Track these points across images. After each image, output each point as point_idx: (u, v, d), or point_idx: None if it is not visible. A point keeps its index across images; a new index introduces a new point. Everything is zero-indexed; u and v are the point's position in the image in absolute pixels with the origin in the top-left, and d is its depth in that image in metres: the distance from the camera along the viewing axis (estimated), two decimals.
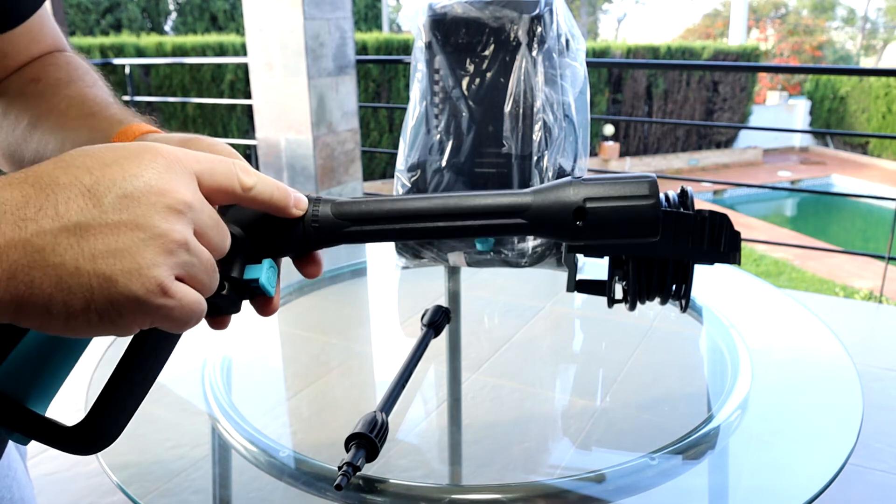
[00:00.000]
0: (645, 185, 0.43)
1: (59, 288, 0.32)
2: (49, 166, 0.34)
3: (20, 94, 0.57)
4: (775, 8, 24.00)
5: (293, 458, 0.81)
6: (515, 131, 0.90)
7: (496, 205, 0.43)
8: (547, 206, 0.43)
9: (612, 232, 0.43)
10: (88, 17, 14.05)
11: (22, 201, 0.32)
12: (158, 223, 0.34)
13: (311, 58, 3.12)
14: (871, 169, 12.62)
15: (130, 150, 0.35)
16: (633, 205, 0.43)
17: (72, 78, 0.58)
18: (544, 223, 0.43)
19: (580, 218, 0.42)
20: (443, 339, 1.03)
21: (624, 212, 0.43)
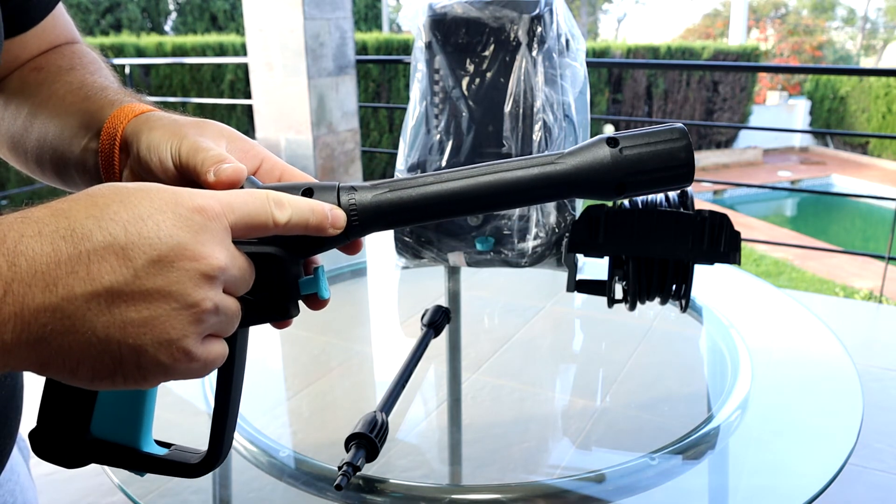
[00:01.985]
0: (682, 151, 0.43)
1: (88, 354, 0.32)
2: (82, 214, 0.32)
3: (22, 83, 0.56)
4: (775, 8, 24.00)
5: (293, 458, 0.81)
6: (515, 131, 0.90)
7: (532, 181, 0.43)
8: (585, 179, 0.43)
9: (649, 189, 0.44)
10: (88, 17, 14.05)
11: (53, 259, 0.31)
12: (190, 292, 0.33)
13: (311, 58, 3.13)
14: (871, 169, 12.62)
15: (167, 202, 0.34)
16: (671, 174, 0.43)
17: (73, 65, 0.57)
18: (584, 192, 0.44)
19: (620, 192, 0.43)
20: (443, 339, 1.03)
21: (661, 179, 0.43)
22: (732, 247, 0.81)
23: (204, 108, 7.70)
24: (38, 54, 0.58)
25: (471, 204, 0.42)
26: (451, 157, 0.93)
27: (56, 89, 0.54)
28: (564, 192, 0.43)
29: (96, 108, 0.50)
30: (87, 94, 0.52)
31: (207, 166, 0.42)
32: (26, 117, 0.54)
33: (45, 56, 0.58)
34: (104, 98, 0.51)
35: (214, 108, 7.77)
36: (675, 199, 0.85)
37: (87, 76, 0.55)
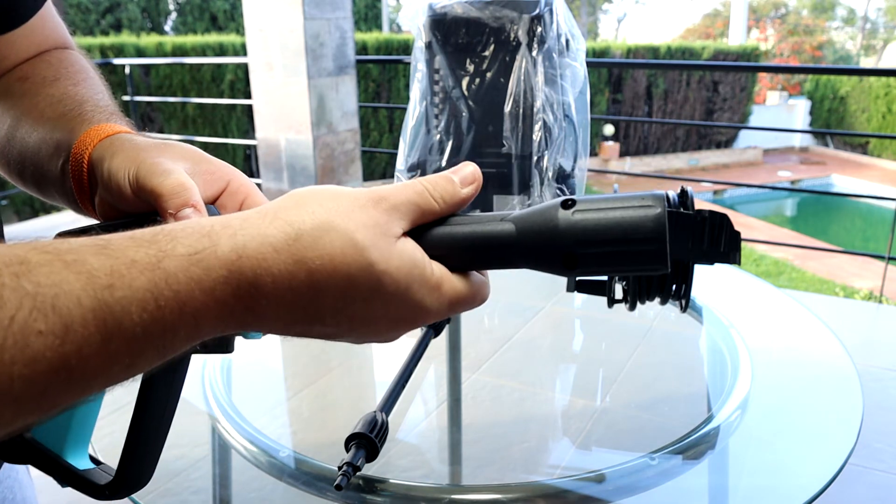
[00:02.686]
0: (649, 221, 0.34)
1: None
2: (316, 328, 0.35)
3: (8, 92, 0.55)
4: (775, 8, 24.00)
5: (293, 458, 0.81)
6: (515, 131, 0.90)
7: (474, 240, 0.38)
8: (529, 244, 0.36)
9: (609, 268, 0.36)
10: (88, 17, 14.05)
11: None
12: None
13: (311, 58, 3.13)
14: (871, 169, 12.62)
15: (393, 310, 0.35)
16: (635, 249, 0.34)
17: (58, 75, 0.55)
18: (531, 261, 0.37)
19: (571, 266, 0.35)
20: (443, 339, 1.03)
21: (623, 256, 0.34)
22: (732, 247, 0.81)
23: (204, 108, 7.70)
24: (27, 58, 0.58)
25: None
26: (451, 157, 0.93)
27: (37, 102, 0.53)
28: (509, 259, 0.38)
29: (69, 128, 0.49)
30: (65, 111, 0.51)
31: (167, 196, 0.41)
32: (9, 128, 0.54)
33: (31, 64, 0.57)
34: (77, 116, 0.50)
35: (214, 108, 7.77)
36: (675, 199, 0.85)
37: (69, 87, 0.54)
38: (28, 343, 0.26)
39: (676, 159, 12.14)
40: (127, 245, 0.29)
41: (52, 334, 0.26)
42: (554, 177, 0.91)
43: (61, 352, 0.26)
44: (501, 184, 0.91)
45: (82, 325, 0.27)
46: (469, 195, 0.39)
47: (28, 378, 0.26)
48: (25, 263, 0.27)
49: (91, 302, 0.27)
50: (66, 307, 0.27)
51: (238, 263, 0.31)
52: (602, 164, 11.43)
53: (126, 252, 0.29)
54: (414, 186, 0.37)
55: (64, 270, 0.27)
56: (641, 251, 0.34)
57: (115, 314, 0.28)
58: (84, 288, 0.27)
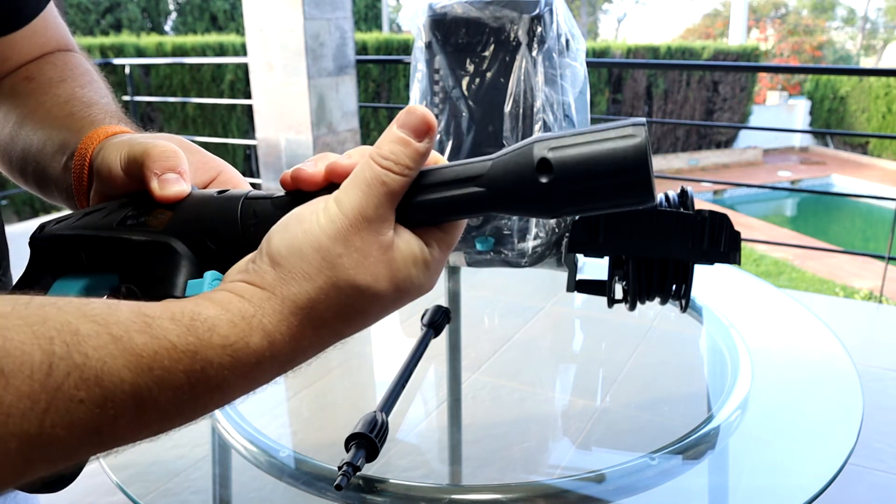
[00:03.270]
0: (628, 126, 0.32)
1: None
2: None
3: (13, 91, 0.56)
4: (775, 8, 24.00)
5: (293, 458, 0.81)
6: (515, 131, 0.90)
7: (449, 176, 0.36)
8: (505, 166, 0.33)
9: (589, 190, 0.32)
10: (88, 17, 14.05)
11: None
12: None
13: (311, 58, 3.13)
14: (871, 169, 12.62)
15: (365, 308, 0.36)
16: (613, 148, 0.31)
17: (64, 77, 0.56)
18: (504, 189, 0.34)
19: (545, 171, 0.32)
20: (443, 339, 1.03)
21: (601, 159, 0.31)
22: (732, 247, 0.81)
23: (204, 108, 7.70)
24: (30, 60, 0.58)
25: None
26: (451, 157, 0.93)
27: (44, 101, 0.54)
28: (491, 210, 0.35)
29: (77, 127, 0.50)
30: (72, 111, 0.52)
31: (154, 158, 0.41)
32: (13, 126, 0.54)
33: (37, 65, 0.57)
34: (86, 117, 0.51)
35: (214, 108, 7.77)
36: (675, 199, 0.85)
37: (76, 89, 0.55)
38: (69, 410, 0.28)
39: (676, 159, 12.14)
40: (168, 327, 0.32)
41: (93, 403, 0.29)
42: None
43: (98, 420, 0.29)
44: None
45: (122, 398, 0.30)
46: (427, 148, 0.36)
47: (63, 440, 0.28)
48: (77, 335, 0.29)
49: (132, 378, 0.30)
50: (110, 381, 0.29)
51: (270, 350, 0.34)
52: None
53: (167, 335, 0.31)
54: (366, 180, 0.35)
55: (111, 345, 0.29)
56: (624, 182, 0.32)
57: (152, 393, 0.31)
58: (127, 366, 0.30)
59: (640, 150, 0.31)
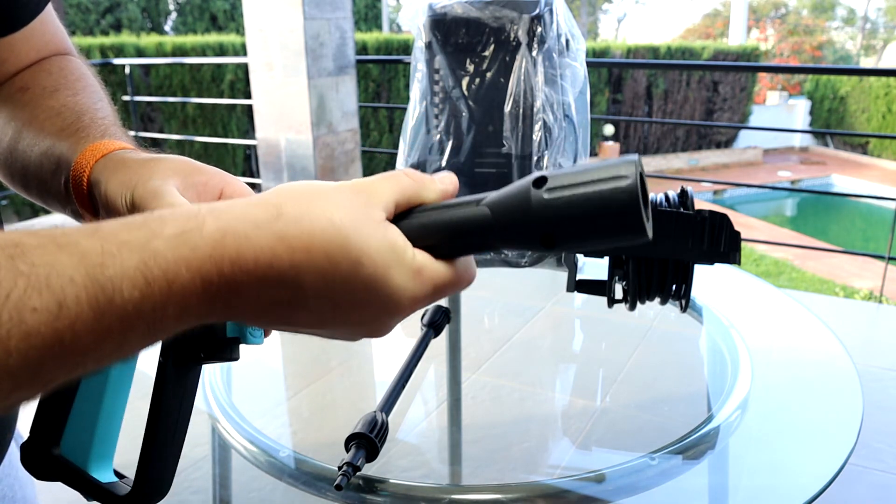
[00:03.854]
0: (621, 166, 0.33)
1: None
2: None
3: (9, 102, 0.56)
4: (775, 8, 24.00)
5: (293, 458, 0.81)
6: (515, 131, 0.90)
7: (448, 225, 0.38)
8: (504, 225, 0.36)
9: (584, 232, 0.34)
10: (88, 17, 14.05)
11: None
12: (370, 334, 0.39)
13: (311, 58, 3.12)
14: (871, 169, 12.62)
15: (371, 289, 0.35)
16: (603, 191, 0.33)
17: (58, 86, 0.56)
18: (510, 242, 0.37)
19: (549, 245, 0.35)
20: (443, 339, 1.03)
21: (593, 203, 0.33)
22: (732, 247, 0.81)
23: (204, 108, 7.70)
24: (27, 63, 0.58)
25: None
26: (451, 157, 0.93)
27: (37, 114, 0.54)
28: (488, 243, 0.37)
29: (68, 143, 0.50)
30: (63, 126, 0.52)
31: None
32: (10, 140, 0.54)
33: (32, 73, 0.57)
34: (77, 131, 0.51)
35: (214, 108, 7.77)
36: (675, 199, 0.85)
37: (68, 98, 0.55)
38: (23, 319, 0.27)
39: (676, 159, 12.14)
40: (118, 229, 0.31)
41: (47, 311, 0.27)
42: None
43: (55, 327, 0.28)
44: (501, 184, 0.91)
45: (75, 301, 0.28)
46: (447, 187, 0.40)
47: (24, 353, 0.27)
48: (20, 246, 0.28)
49: (83, 280, 0.29)
50: (60, 285, 0.28)
51: (222, 241, 0.32)
52: None
53: (117, 235, 0.31)
54: (395, 175, 0.38)
55: (57, 252, 0.29)
56: (617, 224, 0.33)
57: (106, 291, 0.29)
58: (76, 267, 0.29)
59: (631, 192, 0.32)
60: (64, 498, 1.59)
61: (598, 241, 0.34)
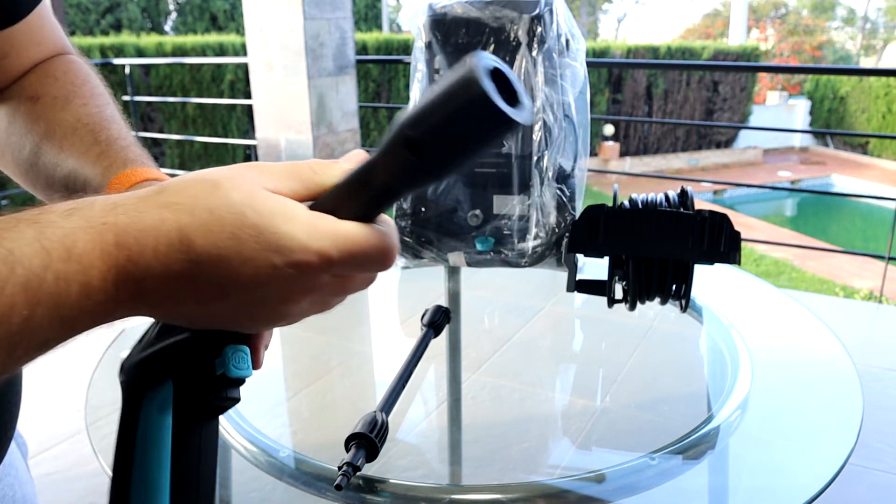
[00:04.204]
0: (463, 72, 0.31)
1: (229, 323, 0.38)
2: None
3: (22, 113, 0.57)
4: (775, 8, 24.00)
5: (293, 458, 0.81)
6: (515, 131, 0.90)
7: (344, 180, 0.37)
8: (385, 157, 0.34)
9: (458, 143, 0.33)
10: (88, 17, 14.05)
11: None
12: (280, 313, 0.38)
13: (311, 58, 3.13)
14: (871, 169, 12.62)
15: (269, 247, 0.34)
16: (459, 107, 0.31)
17: (67, 95, 0.57)
18: (393, 176, 0.35)
19: (417, 153, 0.33)
20: (443, 339, 1.03)
21: (455, 121, 0.32)
22: (732, 247, 0.81)
23: (204, 108, 7.70)
24: (30, 62, 0.59)
25: None
26: None
27: (54, 129, 0.55)
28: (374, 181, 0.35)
29: (94, 171, 0.52)
30: (84, 148, 0.53)
31: None
32: (30, 154, 0.56)
33: (39, 80, 0.58)
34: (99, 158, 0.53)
35: (214, 108, 7.77)
36: (675, 199, 0.85)
37: (80, 109, 0.56)
38: None
39: (676, 159, 12.14)
40: (14, 215, 0.32)
41: None
42: (554, 177, 0.91)
43: None
44: (501, 184, 0.91)
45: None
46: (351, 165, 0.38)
47: None
48: None
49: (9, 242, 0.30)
50: None
51: (114, 212, 0.33)
52: (602, 164, 11.43)
53: (11, 216, 0.32)
54: (295, 163, 0.38)
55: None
56: (466, 106, 0.31)
57: (7, 262, 0.30)
58: None
59: (471, 74, 0.31)
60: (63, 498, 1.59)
61: (457, 131, 0.32)
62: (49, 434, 1.82)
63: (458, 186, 0.92)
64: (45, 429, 1.84)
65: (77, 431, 1.83)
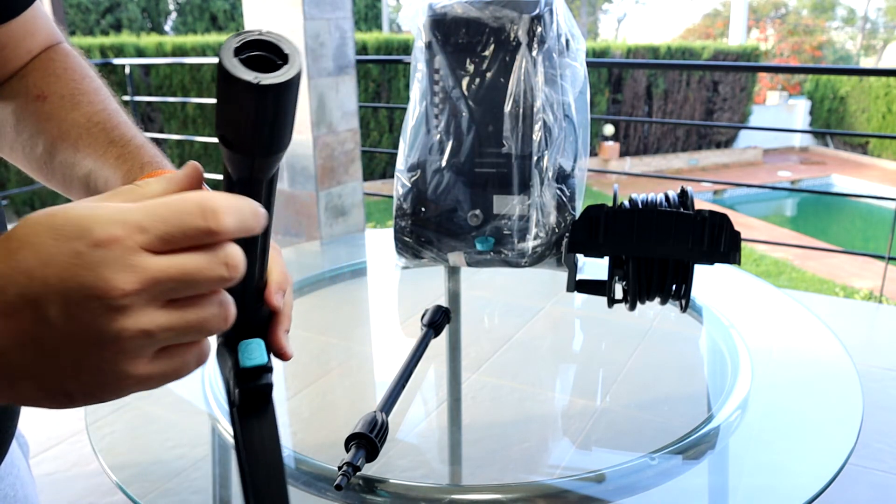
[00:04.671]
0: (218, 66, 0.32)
1: (42, 395, 0.32)
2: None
3: (29, 112, 0.58)
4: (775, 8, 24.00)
5: (293, 458, 0.81)
6: (515, 131, 0.90)
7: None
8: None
9: (245, 122, 0.33)
10: (88, 17, 14.05)
11: None
12: (105, 329, 0.31)
13: (311, 58, 3.12)
14: (871, 169, 12.62)
15: (70, 236, 0.30)
16: (223, 86, 0.32)
17: (74, 94, 0.58)
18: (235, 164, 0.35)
19: (227, 145, 0.34)
20: (443, 339, 1.03)
21: (229, 106, 0.33)
22: (732, 247, 0.81)
23: (204, 108, 7.70)
24: (28, 57, 0.60)
25: None
26: (451, 157, 0.93)
27: (67, 130, 0.56)
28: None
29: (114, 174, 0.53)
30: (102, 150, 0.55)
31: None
32: (43, 152, 0.57)
33: (42, 76, 0.59)
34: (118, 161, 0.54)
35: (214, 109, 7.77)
36: (675, 199, 0.85)
37: (87, 108, 0.57)
38: None
39: (676, 159, 12.14)
40: None
41: None
42: (554, 177, 0.91)
43: None
44: (501, 184, 0.91)
45: None
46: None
47: None
48: None
49: None
50: None
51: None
52: (602, 164, 11.43)
53: None
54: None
55: None
56: (222, 86, 0.32)
57: None
58: None
59: (219, 63, 0.32)
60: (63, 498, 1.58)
61: (239, 112, 0.33)
62: (49, 434, 1.82)
63: (458, 186, 0.92)
64: (45, 429, 1.84)
65: (77, 431, 1.83)
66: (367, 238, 1.86)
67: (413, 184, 0.94)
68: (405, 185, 0.94)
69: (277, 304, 0.43)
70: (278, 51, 0.33)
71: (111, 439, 0.87)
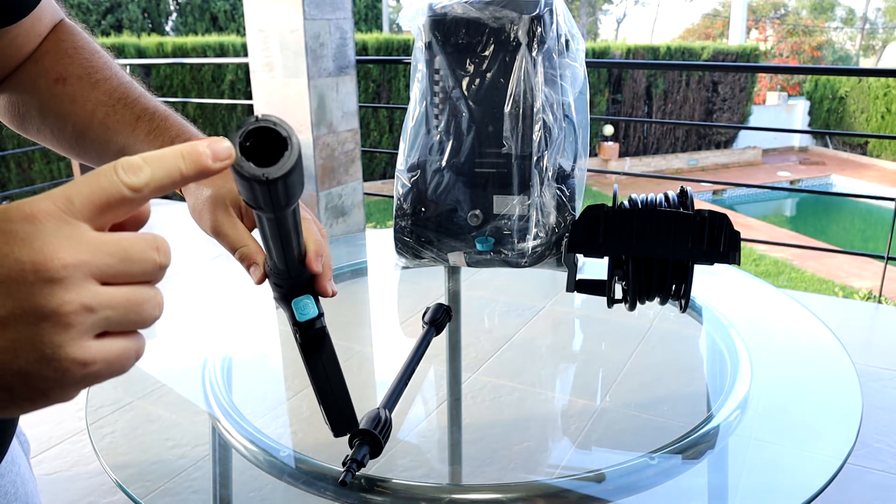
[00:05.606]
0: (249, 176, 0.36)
1: None
2: None
3: (52, 95, 0.61)
4: (775, 8, 24.00)
5: (293, 458, 0.81)
6: (515, 131, 0.90)
7: None
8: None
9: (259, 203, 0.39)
10: (89, 18, 14.05)
11: None
12: (43, 303, 0.30)
13: (312, 58, 3.13)
14: (871, 169, 12.63)
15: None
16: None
17: (90, 73, 0.62)
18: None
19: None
20: (443, 339, 1.03)
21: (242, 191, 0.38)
22: (732, 247, 0.82)
23: (204, 108, 7.70)
24: (37, 39, 0.62)
25: None
26: (451, 157, 0.93)
27: (94, 110, 0.61)
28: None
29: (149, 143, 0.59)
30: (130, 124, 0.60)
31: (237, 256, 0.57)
32: (72, 135, 0.62)
33: (56, 59, 0.62)
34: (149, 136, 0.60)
35: (215, 108, 7.77)
36: (675, 199, 0.85)
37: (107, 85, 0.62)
38: None
39: (676, 159, 12.14)
40: None
41: None
42: (554, 177, 0.91)
43: None
44: (501, 184, 0.91)
45: None
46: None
47: None
48: None
49: None
50: None
51: None
52: (602, 164, 11.43)
53: None
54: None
55: None
56: (237, 178, 0.37)
57: None
58: None
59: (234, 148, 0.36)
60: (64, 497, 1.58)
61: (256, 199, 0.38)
62: (50, 433, 1.82)
63: (458, 186, 0.92)
64: (46, 428, 1.84)
65: (78, 431, 1.83)
66: (368, 238, 1.86)
67: (413, 184, 0.94)
68: (405, 185, 0.94)
69: (317, 269, 0.53)
70: (277, 134, 0.37)
71: (112, 439, 0.87)
